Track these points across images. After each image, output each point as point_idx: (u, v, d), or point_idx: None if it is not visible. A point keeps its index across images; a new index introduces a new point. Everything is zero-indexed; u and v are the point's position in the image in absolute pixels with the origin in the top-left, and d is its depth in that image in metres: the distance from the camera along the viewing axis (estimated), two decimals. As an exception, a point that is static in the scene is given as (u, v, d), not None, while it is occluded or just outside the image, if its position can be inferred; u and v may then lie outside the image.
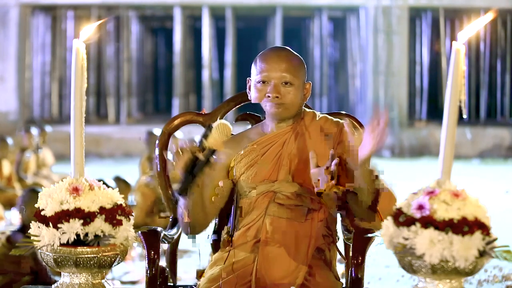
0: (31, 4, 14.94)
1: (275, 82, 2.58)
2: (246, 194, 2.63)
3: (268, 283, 2.46)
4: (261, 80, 2.60)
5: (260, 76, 2.60)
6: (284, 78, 2.58)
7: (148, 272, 2.55)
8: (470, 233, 1.78)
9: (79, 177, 2.06)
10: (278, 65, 2.59)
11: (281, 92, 2.58)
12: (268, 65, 2.60)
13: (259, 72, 2.61)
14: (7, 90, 14.76)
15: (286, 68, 2.59)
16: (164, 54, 19.82)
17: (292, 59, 2.63)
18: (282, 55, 2.63)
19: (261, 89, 2.60)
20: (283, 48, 2.68)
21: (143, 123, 14.64)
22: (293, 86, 2.59)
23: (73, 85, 2.04)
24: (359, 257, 2.52)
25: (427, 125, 15.45)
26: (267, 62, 2.61)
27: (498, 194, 9.71)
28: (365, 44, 15.27)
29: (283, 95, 2.58)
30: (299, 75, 2.62)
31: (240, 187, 2.65)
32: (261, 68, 2.61)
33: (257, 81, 2.61)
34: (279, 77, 2.58)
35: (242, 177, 2.63)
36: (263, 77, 2.59)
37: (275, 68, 2.59)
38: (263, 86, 2.60)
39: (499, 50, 15.87)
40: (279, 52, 2.65)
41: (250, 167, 2.62)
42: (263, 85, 2.60)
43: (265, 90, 2.59)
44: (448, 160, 1.87)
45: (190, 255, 5.95)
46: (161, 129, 2.93)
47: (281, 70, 2.58)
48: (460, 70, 1.85)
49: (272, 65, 2.59)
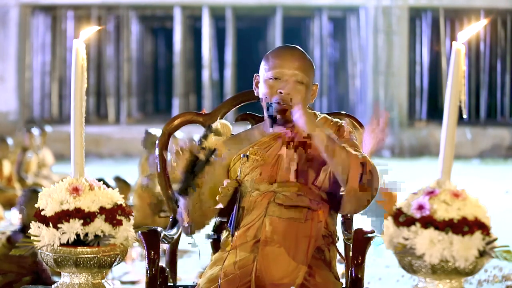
0: (31, 4, 14.94)
1: (288, 79, 2.57)
2: (250, 194, 2.63)
3: (267, 283, 2.46)
4: (273, 77, 2.58)
5: (272, 72, 2.58)
6: (296, 76, 2.57)
7: (148, 272, 2.55)
8: (470, 233, 1.78)
9: (79, 177, 2.06)
10: (292, 62, 2.58)
11: (293, 90, 2.57)
12: (282, 61, 2.58)
13: (271, 68, 2.59)
14: (7, 90, 14.76)
15: (299, 66, 2.58)
16: (164, 54, 19.82)
17: (304, 58, 2.63)
18: (296, 53, 2.63)
19: (272, 85, 2.58)
20: (296, 47, 2.67)
21: (143, 123, 14.63)
22: (303, 85, 2.59)
23: (73, 85, 2.04)
24: (359, 257, 2.52)
25: (427, 125, 15.45)
26: (281, 59, 2.59)
27: (498, 194, 9.71)
28: (365, 44, 15.27)
29: (294, 93, 2.56)
30: (310, 75, 2.62)
31: (244, 187, 2.64)
32: (274, 64, 2.59)
33: (269, 77, 2.59)
34: (292, 74, 2.57)
35: (247, 178, 2.63)
36: (276, 74, 2.58)
37: (288, 66, 2.58)
38: (275, 83, 2.58)
39: (499, 50, 15.87)
40: (293, 50, 2.65)
41: (255, 168, 2.62)
42: (275, 81, 2.58)
43: (277, 86, 2.57)
44: (448, 160, 1.87)
45: (190, 255, 5.95)
46: (161, 129, 2.93)
47: (294, 68, 2.58)
48: (460, 70, 1.85)
49: (286, 62, 2.58)
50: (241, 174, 2.61)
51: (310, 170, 2.59)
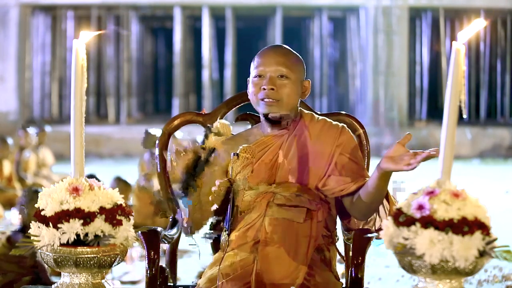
0: (31, 4, 14.94)
1: (271, 75, 2.61)
2: (243, 192, 2.64)
3: (268, 283, 2.46)
4: (257, 75, 2.63)
5: (256, 71, 2.63)
6: (279, 71, 2.61)
7: (148, 272, 2.55)
8: (470, 233, 1.78)
9: (79, 177, 2.06)
10: (274, 59, 2.62)
11: (277, 84, 2.59)
12: (264, 59, 2.63)
13: (256, 67, 2.64)
14: (7, 90, 14.76)
15: (282, 62, 2.62)
16: (164, 54, 19.82)
17: (289, 54, 2.66)
18: (279, 50, 2.67)
19: (257, 83, 2.62)
20: (280, 45, 2.72)
21: (143, 123, 14.63)
22: (289, 79, 2.61)
23: (73, 85, 2.04)
24: (359, 257, 2.52)
25: (427, 125, 15.45)
26: (264, 57, 2.64)
27: (498, 194, 9.71)
28: (365, 44, 15.27)
29: (279, 87, 2.59)
30: (296, 70, 2.63)
31: (236, 185, 2.65)
32: (258, 63, 2.64)
33: (254, 76, 2.64)
34: (275, 70, 2.61)
35: (238, 176, 2.63)
36: (259, 72, 2.62)
37: (270, 62, 2.62)
38: (259, 80, 2.62)
39: (499, 50, 15.87)
40: (276, 48, 2.69)
41: (246, 166, 2.63)
42: (259, 79, 2.62)
43: (261, 83, 2.60)
44: (448, 160, 1.87)
45: (190, 255, 5.94)
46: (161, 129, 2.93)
47: (277, 63, 2.61)
48: (460, 70, 1.85)
49: (268, 59, 2.63)
50: (233, 173, 2.62)
51: (309, 171, 2.60)
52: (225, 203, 2.65)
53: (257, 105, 2.65)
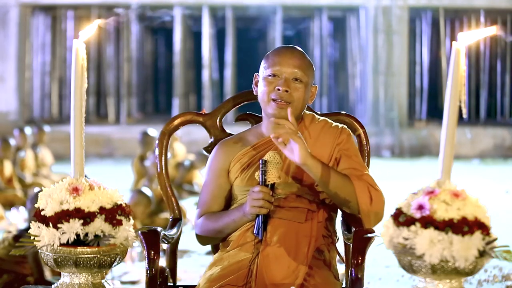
0: (31, 4, 14.93)
1: (286, 76, 2.59)
2: (237, 200, 2.65)
3: (268, 283, 2.46)
4: (272, 74, 2.60)
5: (271, 70, 2.60)
6: (295, 74, 2.59)
7: (148, 272, 2.55)
8: (470, 233, 1.78)
9: (79, 177, 2.06)
10: (291, 60, 2.61)
11: (291, 87, 2.58)
12: (281, 59, 2.61)
13: (271, 65, 2.61)
14: (7, 90, 14.75)
15: (298, 65, 2.60)
16: (164, 54, 19.81)
17: (304, 57, 2.65)
18: (296, 52, 2.65)
19: (271, 81, 2.60)
20: (296, 47, 2.70)
21: (143, 123, 14.63)
22: (302, 83, 2.60)
23: (73, 85, 2.04)
24: (359, 257, 2.52)
25: (427, 125, 15.45)
26: (281, 57, 2.62)
27: (498, 194, 9.71)
28: (365, 44, 15.26)
29: (293, 90, 2.58)
30: (309, 74, 2.63)
31: (233, 190, 2.66)
32: (274, 62, 2.61)
33: (268, 75, 2.61)
34: (291, 72, 2.59)
35: (236, 181, 2.64)
36: (275, 71, 2.60)
37: (288, 63, 2.60)
38: (274, 80, 2.60)
39: (499, 50, 15.87)
40: (293, 49, 2.67)
41: (244, 170, 2.63)
42: (274, 78, 2.60)
43: (275, 83, 2.59)
44: (448, 160, 1.87)
45: (190, 255, 5.94)
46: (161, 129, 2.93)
47: (294, 66, 2.60)
48: (460, 70, 1.85)
49: (286, 60, 2.60)
50: (231, 176, 2.64)
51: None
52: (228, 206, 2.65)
53: (266, 104, 2.61)
